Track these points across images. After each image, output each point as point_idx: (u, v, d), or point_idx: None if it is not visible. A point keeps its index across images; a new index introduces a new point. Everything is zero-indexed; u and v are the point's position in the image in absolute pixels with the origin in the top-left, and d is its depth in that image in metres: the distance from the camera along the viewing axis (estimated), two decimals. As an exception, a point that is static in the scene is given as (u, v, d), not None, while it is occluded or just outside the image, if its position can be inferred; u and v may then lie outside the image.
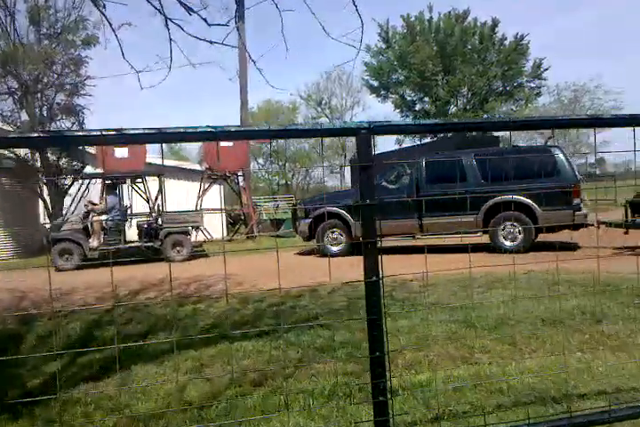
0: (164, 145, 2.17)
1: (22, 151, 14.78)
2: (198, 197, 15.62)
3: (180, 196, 15.24)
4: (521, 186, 9.77)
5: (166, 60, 5.94)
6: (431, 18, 33.10)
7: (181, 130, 1.98)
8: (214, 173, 15.53)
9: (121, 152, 14.44)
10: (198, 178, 16.68)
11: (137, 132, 1.96)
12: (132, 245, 12.30)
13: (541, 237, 10.84)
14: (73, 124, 15.34)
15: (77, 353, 4.71)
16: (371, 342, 2.15)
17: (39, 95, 14.60)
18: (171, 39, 6.08)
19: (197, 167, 18.58)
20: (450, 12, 32.90)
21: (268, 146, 48.75)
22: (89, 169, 15.96)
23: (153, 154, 16.42)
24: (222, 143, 14.75)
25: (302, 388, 3.74)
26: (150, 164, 17.16)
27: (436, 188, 10.79)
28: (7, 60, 13.38)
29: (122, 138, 1.93)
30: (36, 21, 13.80)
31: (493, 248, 10.52)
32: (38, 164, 14.94)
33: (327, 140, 46.53)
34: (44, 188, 15.33)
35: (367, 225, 2.12)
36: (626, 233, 9.77)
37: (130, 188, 14.83)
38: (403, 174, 11.52)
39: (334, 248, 11.61)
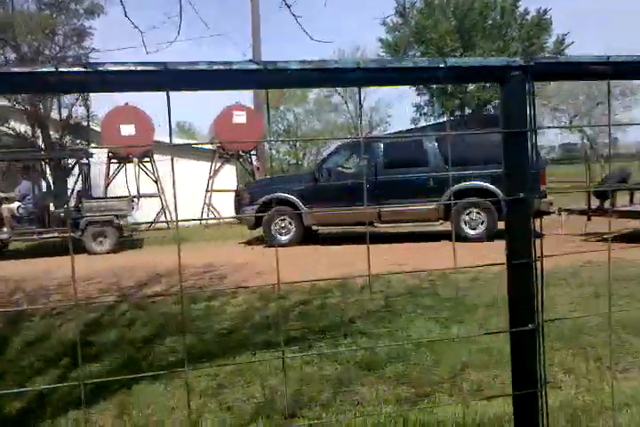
0: (173, 122, 1.24)
1: (22, 128, 13.95)
2: (209, 178, 14.79)
3: (189, 176, 14.33)
4: (484, 172, 9.35)
5: (175, 20, 5.00)
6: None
7: (202, 66, 1.06)
8: (226, 151, 14.64)
9: (127, 130, 13.57)
10: (209, 157, 15.81)
11: (122, 68, 1.05)
12: (48, 236, 10.91)
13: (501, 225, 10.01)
14: (76, 99, 14.45)
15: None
16: (519, 367, 1.24)
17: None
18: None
19: (208, 146, 17.66)
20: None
21: (279, 125, 47.74)
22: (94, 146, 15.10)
23: (160, 131, 15.53)
24: (235, 119, 13.84)
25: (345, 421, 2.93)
26: (158, 142, 16.32)
27: (396, 173, 10.06)
28: (4, 30, 12.46)
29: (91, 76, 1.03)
30: (35, -13, 12.87)
31: (455, 237, 9.87)
32: (40, 141, 14.10)
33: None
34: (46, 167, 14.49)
35: (520, 228, 1.23)
36: (588, 220, 9.48)
37: (137, 167, 14.01)
38: (360, 157, 10.66)
39: (283, 237, 10.55)
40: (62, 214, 10.97)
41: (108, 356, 4.29)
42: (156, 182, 14.34)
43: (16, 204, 10.80)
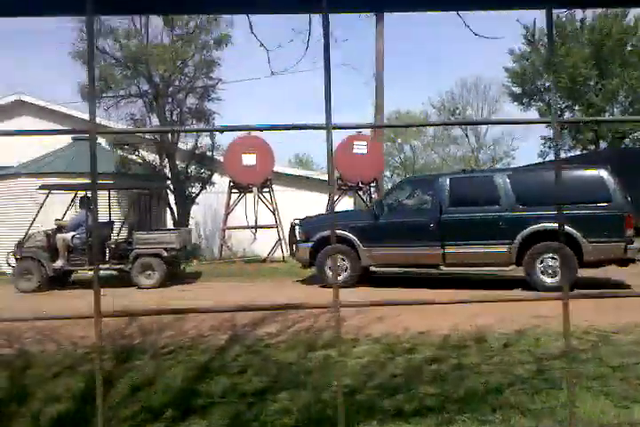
0: (291, 154, 0.69)
1: (150, 157, 14.44)
2: (326, 210, 14.42)
3: (302, 207, 14.07)
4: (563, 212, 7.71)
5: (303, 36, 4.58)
6: (584, 17, 29.92)
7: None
8: (345, 183, 14.22)
9: (248, 159, 13.58)
10: (326, 189, 15.49)
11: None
12: (104, 267, 10.67)
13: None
14: (203, 130, 14.77)
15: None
16: None
17: (170, 98, 14.22)
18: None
19: (326, 177, 17.42)
20: (606, 10, 29.46)
21: (396, 158, 47.23)
22: (216, 177, 15.33)
23: (283, 162, 15.49)
24: (355, 150, 13.42)
25: None
26: (277, 173, 16.30)
27: (463, 211, 9.15)
28: (139, 61, 13.07)
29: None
30: (169, 21, 13.39)
31: (529, 284, 8.83)
32: (167, 170, 14.53)
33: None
34: (170, 196, 14.89)
35: None
36: None
37: (256, 198, 13.94)
38: (425, 194, 9.79)
39: (338, 277, 9.65)
40: (113, 246, 10.85)
41: (215, 411, 3.79)
42: (273, 213, 14.20)
43: (70, 233, 10.73)
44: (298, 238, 10.34)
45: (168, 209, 15.04)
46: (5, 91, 21.18)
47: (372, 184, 14.58)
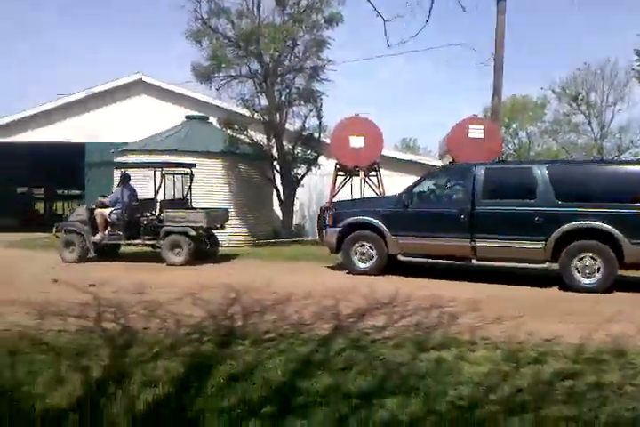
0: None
1: (258, 137, 14.41)
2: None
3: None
4: (603, 210, 8.11)
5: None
6: None
7: None
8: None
9: (356, 142, 13.15)
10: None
11: None
12: (133, 242, 11.23)
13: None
14: (310, 110, 14.56)
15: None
16: None
17: (279, 79, 14.03)
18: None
19: (437, 162, 16.63)
20: None
21: (510, 144, 44.89)
22: (322, 159, 15.07)
23: (389, 146, 14.94)
24: (471, 134, 12.59)
25: None
26: (386, 156, 15.76)
27: (497, 204, 8.80)
28: (251, 41, 12.96)
29: None
30: (281, 0, 13.13)
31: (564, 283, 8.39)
32: (274, 150, 14.45)
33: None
34: (277, 176, 14.82)
35: None
36: None
37: (362, 181, 13.52)
38: (459, 183, 9.48)
39: (362, 265, 9.59)
40: (145, 222, 11.12)
41: (316, 411, 3.44)
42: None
43: (109, 209, 11.20)
44: (327, 223, 10.25)
45: (274, 190, 15.01)
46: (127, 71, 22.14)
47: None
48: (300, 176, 14.97)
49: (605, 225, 8.10)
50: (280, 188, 14.87)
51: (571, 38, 64.08)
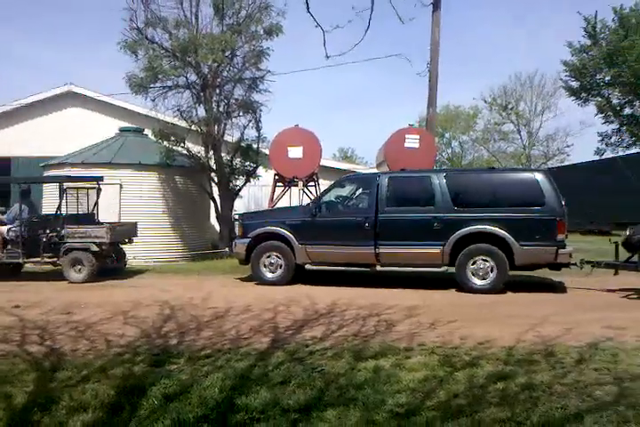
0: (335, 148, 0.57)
1: (195, 149, 14.19)
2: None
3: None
4: (496, 215, 8.63)
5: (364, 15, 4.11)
6: (649, 8, 28.16)
7: None
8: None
9: (295, 152, 13.18)
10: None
11: None
12: (33, 260, 10.61)
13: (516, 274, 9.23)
14: (249, 121, 14.47)
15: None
16: None
17: (218, 90, 13.88)
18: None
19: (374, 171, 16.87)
20: (675, 1, 27.64)
21: (444, 153, 46.16)
22: (260, 170, 15.00)
23: (327, 156, 15.05)
24: (407, 144, 12.84)
25: None
26: (325, 166, 15.86)
27: (399, 211, 9.14)
28: (188, 51, 12.76)
29: None
30: (219, 10, 13.01)
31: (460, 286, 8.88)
32: (212, 162, 14.25)
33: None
34: (215, 188, 14.61)
35: None
36: (615, 274, 8.71)
37: (301, 191, 13.55)
38: (363, 192, 9.75)
39: (270, 275, 9.70)
40: (44, 240, 10.48)
41: (254, 429, 3.38)
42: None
43: (7, 227, 10.64)
44: (236, 234, 10.28)
45: (211, 202, 14.80)
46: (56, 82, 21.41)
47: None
48: (238, 188, 14.82)
49: (497, 229, 8.56)
50: (218, 200, 14.67)
51: (502, 49, 66.82)
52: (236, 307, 7.39)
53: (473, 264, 8.68)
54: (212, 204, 14.81)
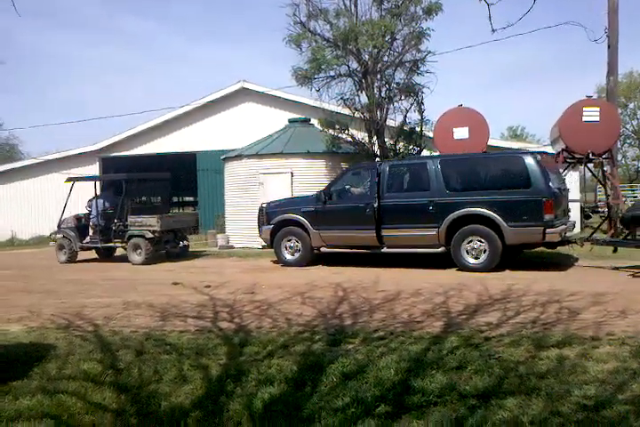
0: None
1: (359, 135, 14.39)
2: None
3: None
4: (486, 198, 9.12)
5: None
6: None
7: None
8: (572, 155, 12.60)
9: (461, 133, 12.78)
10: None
11: None
12: (109, 244, 13.15)
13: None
14: (411, 104, 14.29)
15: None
16: None
17: (379, 75, 13.88)
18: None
19: (548, 149, 15.75)
20: None
21: (628, 126, 41.70)
22: (425, 153, 14.77)
23: (495, 136, 14.34)
24: (585, 117, 11.80)
25: None
26: (492, 146, 15.17)
27: (398, 196, 9.99)
28: (349, 40, 12.92)
29: None
30: (377, -5, 12.97)
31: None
32: (375, 147, 14.35)
33: None
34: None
35: None
36: (614, 251, 9.36)
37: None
38: (368, 180, 10.48)
39: (289, 257, 10.96)
40: (114, 228, 12.79)
41: (432, 412, 3.37)
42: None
43: (93, 217, 13.15)
44: (263, 221, 11.43)
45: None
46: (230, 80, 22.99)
47: (604, 156, 12.71)
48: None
49: (486, 211, 9.02)
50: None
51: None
52: (406, 291, 7.44)
53: (467, 244, 9.19)
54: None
